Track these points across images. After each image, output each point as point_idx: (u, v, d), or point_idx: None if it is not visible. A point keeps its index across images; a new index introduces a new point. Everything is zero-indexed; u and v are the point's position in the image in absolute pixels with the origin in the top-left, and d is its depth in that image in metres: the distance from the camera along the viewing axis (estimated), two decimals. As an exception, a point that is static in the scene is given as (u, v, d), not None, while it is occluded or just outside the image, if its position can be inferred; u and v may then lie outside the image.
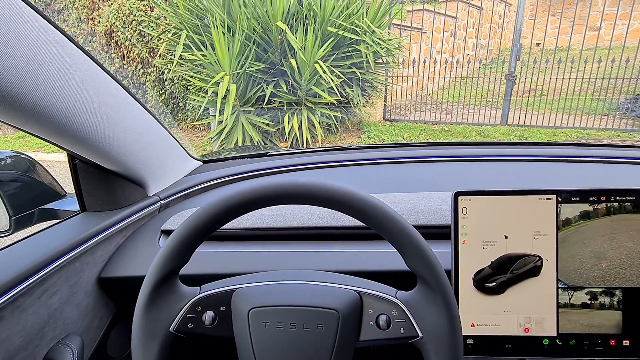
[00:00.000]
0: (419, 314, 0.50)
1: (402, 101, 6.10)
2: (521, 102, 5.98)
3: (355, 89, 4.58)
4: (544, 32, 5.68)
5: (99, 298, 0.79)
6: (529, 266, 0.63)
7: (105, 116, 0.69)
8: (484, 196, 0.63)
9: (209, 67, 4.17)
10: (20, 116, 0.54)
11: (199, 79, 4.33)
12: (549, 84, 5.51)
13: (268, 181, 0.50)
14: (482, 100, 6.24)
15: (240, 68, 4.09)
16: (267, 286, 0.55)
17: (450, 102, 6.37)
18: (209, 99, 4.30)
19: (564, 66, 5.18)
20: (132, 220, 0.84)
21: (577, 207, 0.62)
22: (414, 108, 6.29)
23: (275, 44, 4.20)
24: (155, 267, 0.51)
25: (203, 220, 0.50)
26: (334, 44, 4.20)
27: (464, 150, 1.12)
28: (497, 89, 5.80)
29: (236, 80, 4.16)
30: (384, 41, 4.53)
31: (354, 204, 0.48)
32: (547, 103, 5.72)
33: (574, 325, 0.63)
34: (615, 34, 5.46)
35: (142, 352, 0.52)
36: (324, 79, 4.03)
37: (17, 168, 0.89)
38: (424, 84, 6.63)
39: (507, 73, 5.31)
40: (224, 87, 3.93)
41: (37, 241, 0.70)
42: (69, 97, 0.58)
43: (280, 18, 4.07)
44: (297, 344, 0.51)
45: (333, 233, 0.81)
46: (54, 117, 0.57)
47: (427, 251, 0.49)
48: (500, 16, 8.98)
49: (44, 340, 0.67)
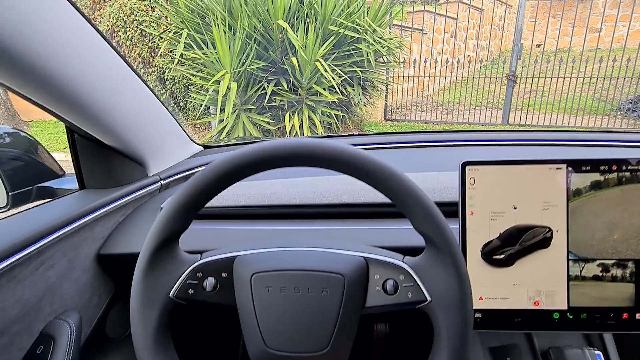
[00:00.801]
0: (427, 278, 0.49)
1: (403, 102, 6.10)
2: (522, 103, 5.98)
3: (357, 87, 4.57)
4: (544, 34, 5.68)
5: (98, 275, 0.77)
6: (538, 238, 0.61)
7: (106, 87, 0.68)
8: (493, 166, 0.61)
9: (210, 65, 4.16)
10: (17, 75, 0.53)
11: (200, 77, 4.33)
12: (550, 85, 5.50)
13: (271, 142, 0.48)
14: (483, 100, 6.23)
15: (241, 66, 4.09)
16: (270, 252, 0.54)
17: (451, 102, 6.36)
18: (210, 97, 4.30)
19: (565, 66, 5.18)
20: (132, 199, 0.83)
21: (588, 177, 0.60)
22: (414, 108, 6.29)
23: (276, 42, 4.20)
24: (155, 230, 0.49)
25: (206, 181, 0.48)
26: (335, 43, 4.20)
27: (463, 135, 1.11)
28: (498, 90, 5.79)
29: (237, 78, 4.15)
30: (385, 40, 4.53)
31: (358, 164, 0.47)
32: (548, 103, 5.72)
33: (585, 298, 0.61)
34: (615, 36, 5.47)
35: (141, 318, 0.50)
36: (325, 77, 4.02)
37: (16, 146, 0.88)
38: (424, 85, 6.63)
39: (508, 73, 5.31)
40: (225, 85, 3.93)
41: (34, 214, 0.68)
42: (68, 59, 0.57)
43: (281, 16, 4.07)
44: (301, 309, 0.49)
45: (338, 211, 0.80)
46: (51, 78, 0.56)
47: (435, 211, 0.47)
48: (501, 18, 8.99)
49: (41, 314, 0.65)
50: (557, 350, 0.77)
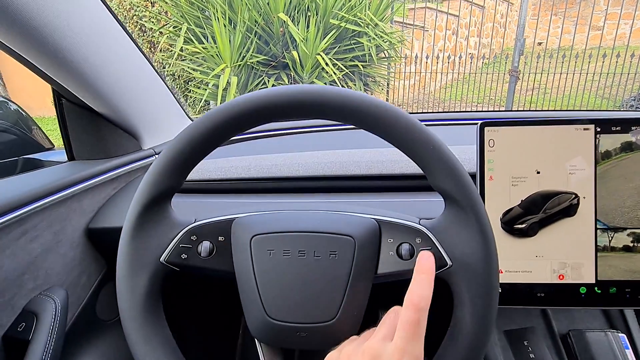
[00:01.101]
0: (447, 240, 0.44)
1: (404, 99, 6.05)
2: (524, 100, 5.93)
3: (358, 82, 4.52)
4: (546, 32, 5.64)
5: (87, 252, 0.72)
6: (563, 205, 0.56)
7: (97, 45, 0.63)
8: (514, 127, 0.56)
9: (210, 59, 4.12)
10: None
11: (200, 71, 4.28)
12: (552, 82, 5.46)
13: (276, 89, 0.44)
14: (485, 98, 6.18)
15: (242, 60, 4.04)
16: (272, 214, 0.49)
17: (453, 100, 6.31)
18: (210, 91, 4.25)
19: (568, 63, 5.13)
20: (124, 171, 0.78)
21: (618, 137, 0.55)
22: (416, 105, 6.24)
23: (277, 36, 4.15)
24: (144, 186, 0.44)
25: (200, 132, 0.43)
26: (336, 37, 4.15)
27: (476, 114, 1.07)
28: (500, 87, 5.74)
29: (237, 72, 4.10)
30: (387, 34, 4.48)
31: (369, 110, 0.42)
32: (550, 101, 5.67)
33: (614, 271, 0.56)
34: (618, 34, 5.41)
35: (128, 284, 0.45)
36: (326, 71, 3.97)
37: (3, 117, 0.83)
38: (426, 82, 6.58)
39: (511, 68, 5.26)
40: (225, 80, 3.88)
41: (17, 181, 0.63)
42: (58, 7, 0.52)
43: (282, 9, 4.02)
44: (306, 274, 0.44)
45: (344, 185, 0.74)
46: (36, 29, 0.51)
47: (456, 164, 0.42)
48: (503, 15, 8.95)
49: (23, 289, 0.60)
50: (577, 334, 0.72)
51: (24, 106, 3.00)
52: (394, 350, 0.35)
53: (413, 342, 0.35)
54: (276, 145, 0.94)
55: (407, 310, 0.36)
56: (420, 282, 0.38)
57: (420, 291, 0.37)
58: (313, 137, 0.96)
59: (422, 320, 0.35)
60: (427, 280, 0.38)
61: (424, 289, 0.37)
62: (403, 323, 0.35)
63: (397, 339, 0.35)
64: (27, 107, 3.35)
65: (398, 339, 0.35)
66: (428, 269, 0.39)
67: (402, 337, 0.35)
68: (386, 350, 0.35)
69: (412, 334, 0.35)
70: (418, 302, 0.36)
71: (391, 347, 0.35)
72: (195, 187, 0.76)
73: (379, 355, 0.35)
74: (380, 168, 0.72)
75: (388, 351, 0.35)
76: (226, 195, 0.75)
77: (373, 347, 0.36)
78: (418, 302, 0.36)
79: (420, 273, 0.39)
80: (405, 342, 0.35)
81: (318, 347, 0.46)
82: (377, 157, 0.74)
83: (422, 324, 0.35)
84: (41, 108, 4.50)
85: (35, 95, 3.37)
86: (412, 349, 0.34)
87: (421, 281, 0.38)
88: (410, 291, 0.37)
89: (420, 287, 0.37)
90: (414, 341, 0.35)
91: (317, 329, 0.44)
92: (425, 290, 0.37)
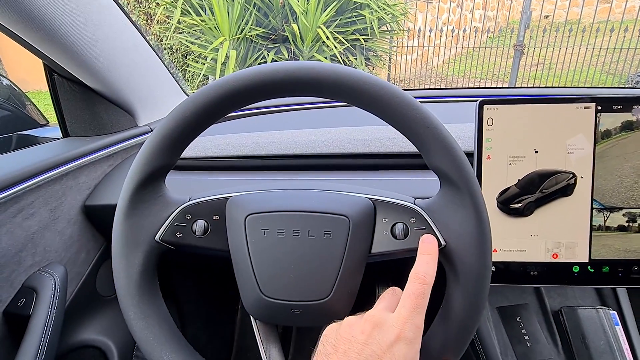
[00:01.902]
0: (442, 220, 0.43)
1: (406, 74, 5.95)
2: (529, 76, 5.83)
3: (359, 57, 4.44)
4: (554, 4, 5.48)
5: (85, 229, 0.72)
6: (561, 184, 0.56)
7: (85, 17, 0.61)
8: (514, 105, 0.55)
9: (208, 32, 4.03)
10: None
11: (198, 45, 4.20)
12: (557, 57, 5.35)
13: (270, 65, 0.42)
14: (489, 73, 6.08)
15: (240, 33, 3.95)
16: (266, 193, 0.48)
17: (456, 75, 6.21)
18: (208, 65, 4.18)
19: (575, 37, 5.01)
20: (120, 148, 0.77)
21: (619, 116, 0.55)
22: (417, 81, 6.14)
23: (277, 8, 4.05)
24: (137, 165, 0.44)
25: (194, 109, 0.42)
26: (337, 9, 4.04)
27: (478, 91, 1.05)
28: (504, 62, 5.63)
29: (236, 46, 4.02)
30: (389, 6, 4.36)
31: (367, 89, 0.41)
32: (555, 76, 5.57)
33: (608, 250, 0.57)
34: (627, 7, 5.26)
35: (123, 262, 0.45)
36: (326, 45, 3.89)
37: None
38: (428, 57, 6.45)
39: (516, 43, 5.14)
40: (224, 53, 3.80)
41: (11, 158, 0.63)
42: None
43: (282, -20, 3.91)
44: (300, 253, 0.44)
45: (340, 163, 0.74)
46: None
47: (452, 144, 0.41)
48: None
49: (21, 266, 0.61)
50: (569, 310, 0.73)
51: (19, 80, 2.93)
52: (397, 318, 0.35)
53: (415, 313, 0.36)
54: (273, 121, 0.92)
55: (413, 282, 0.38)
56: (424, 260, 0.40)
57: (426, 268, 0.39)
58: (310, 114, 0.95)
59: (426, 293, 0.37)
60: (431, 259, 0.40)
61: (429, 267, 0.39)
62: (408, 294, 0.37)
63: (400, 308, 0.36)
64: (23, 81, 3.29)
65: (402, 309, 0.36)
66: (431, 250, 0.41)
67: (406, 307, 0.36)
68: (389, 318, 0.36)
69: (415, 305, 0.36)
70: (424, 277, 0.38)
71: (394, 315, 0.36)
72: (191, 165, 0.76)
73: (382, 323, 0.35)
74: (378, 146, 0.72)
75: (391, 319, 0.36)
76: (222, 172, 0.75)
77: (375, 315, 0.36)
78: (424, 277, 0.38)
79: (424, 254, 0.40)
80: (408, 312, 0.36)
81: (312, 324, 0.47)
82: (375, 135, 0.73)
83: (425, 296, 0.37)
84: (37, 82, 4.43)
85: (32, 69, 3.31)
86: (414, 319, 0.36)
87: (426, 260, 0.40)
88: (416, 267, 0.39)
89: (425, 264, 0.39)
90: (416, 312, 0.36)
91: (311, 307, 0.45)
92: (430, 268, 0.39)
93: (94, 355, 0.75)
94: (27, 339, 0.55)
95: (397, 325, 0.35)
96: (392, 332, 0.35)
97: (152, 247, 0.46)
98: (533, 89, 1.07)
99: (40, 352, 0.54)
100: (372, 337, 0.34)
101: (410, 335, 0.35)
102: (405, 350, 0.34)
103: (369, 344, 0.34)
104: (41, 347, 0.55)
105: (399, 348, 0.34)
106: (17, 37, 0.56)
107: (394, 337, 0.34)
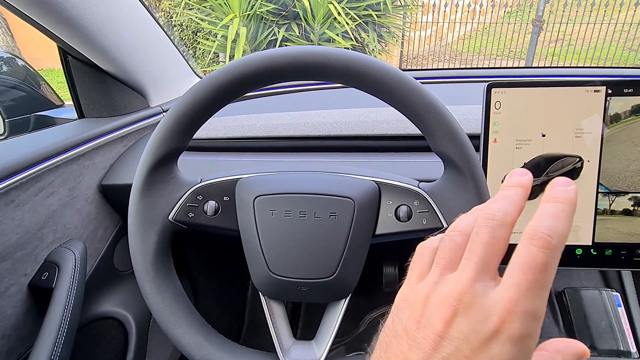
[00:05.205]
0: (445, 203, 0.45)
1: (419, 50, 5.82)
2: (547, 52, 5.65)
3: (372, 33, 4.35)
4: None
5: (102, 207, 0.75)
6: (567, 168, 0.56)
7: (98, 1, 0.62)
8: (522, 88, 0.55)
9: (218, 8, 3.98)
10: None
11: (208, 21, 4.16)
12: (578, 33, 5.16)
13: (279, 50, 0.43)
14: (505, 50, 5.91)
15: (251, 9, 3.90)
16: (275, 175, 0.50)
17: (471, 52, 6.06)
18: (219, 43, 4.15)
19: (597, 12, 4.82)
20: (133, 129, 0.79)
21: (630, 100, 0.54)
22: (431, 58, 6.02)
23: (287, -17, 3.97)
24: (151, 148, 0.46)
25: (205, 93, 0.44)
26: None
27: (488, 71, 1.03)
28: (522, 38, 5.46)
29: (246, 23, 3.97)
30: (404, -20, 4.24)
31: (373, 74, 0.41)
32: (574, 53, 5.40)
33: (612, 233, 0.57)
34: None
35: (139, 240, 0.48)
36: (338, 21, 3.82)
37: (13, 74, 0.84)
38: (443, 33, 6.28)
39: (534, 18, 4.97)
40: (234, 30, 3.77)
41: (31, 139, 0.66)
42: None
43: (293, -46, 3.81)
44: (307, 233, 0.46)
45: (349, 144, 0.75)
46: None
47: (457, 129, 0.42)
48: (530, -41, 8.30)
49: (44, 242, 0.64)
50: (572, 291, 0.74)
51: (32, 58, 2.89)
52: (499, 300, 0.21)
53: (531, 295, 0.20)
54: (283, 102, 0.93)
55: (528, 245, 0.21)
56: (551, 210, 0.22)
57: (553, 222, 0.21)
58: (320, 95, 0.95)
59: (551, 265, 0.21)
60: (563, 211, 0.22)
61: (559, 221, 0.21)
62: (520, 264, 0.21)
63: (508, 286, 0.21)
64: (36, 59, 3.30)
65: (511, 287, 0.21)
66: (566, 198, 0.22)
67: (517, 285, 0.20)
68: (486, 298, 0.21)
69: (533, 283, 0.20)
70: (548, 236, 0.21)
71: (495, 295, 0.21)
72: (202, 145, 0.78)
73: (472, 305, 0.21)
74: (386, 128, 0.72)
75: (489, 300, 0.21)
76: (232, 153, 0.77)
77: (463, 290, 0.22)
78: (548, 236, 0.21)
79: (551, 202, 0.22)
80: (518, 292, 0.20)
81: (318, 300, 0.49)
82: (383, 117, 0.73)
83: (549, 269, 0.21)
84: (49, 60, 4.46)
85: (44, 46, 3.33)
86: (528, 303, 0.20)
87: (553, 210, 0.22)
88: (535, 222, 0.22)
89: (553, 217, 0.21)
90: (533, 293, 0.20)
91: (317, 284, 0.47)
92: (560, 224, 0.21)
93: (113, 326, 0.79)
94: (51, 309, 0.58)
95: (498, 311, 0.20)
96: (490, 321, 0.20)
97: (166, 226, 0.48)
98: (543, 69, 1.05)
99: (63, 322, 0.58)
100: (456, 328, 0.21)
101: (520, 328, 0.20)
102: (510, 354, 0.20)
103: (450, 339, 0.21)
104: (64, 317, 0.58)
105: (500, 349, 0.20)
106: (33, 21, 0.58)
107: (491, 330, 0.20)
